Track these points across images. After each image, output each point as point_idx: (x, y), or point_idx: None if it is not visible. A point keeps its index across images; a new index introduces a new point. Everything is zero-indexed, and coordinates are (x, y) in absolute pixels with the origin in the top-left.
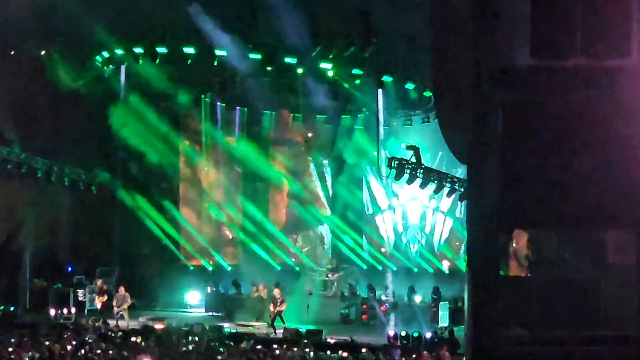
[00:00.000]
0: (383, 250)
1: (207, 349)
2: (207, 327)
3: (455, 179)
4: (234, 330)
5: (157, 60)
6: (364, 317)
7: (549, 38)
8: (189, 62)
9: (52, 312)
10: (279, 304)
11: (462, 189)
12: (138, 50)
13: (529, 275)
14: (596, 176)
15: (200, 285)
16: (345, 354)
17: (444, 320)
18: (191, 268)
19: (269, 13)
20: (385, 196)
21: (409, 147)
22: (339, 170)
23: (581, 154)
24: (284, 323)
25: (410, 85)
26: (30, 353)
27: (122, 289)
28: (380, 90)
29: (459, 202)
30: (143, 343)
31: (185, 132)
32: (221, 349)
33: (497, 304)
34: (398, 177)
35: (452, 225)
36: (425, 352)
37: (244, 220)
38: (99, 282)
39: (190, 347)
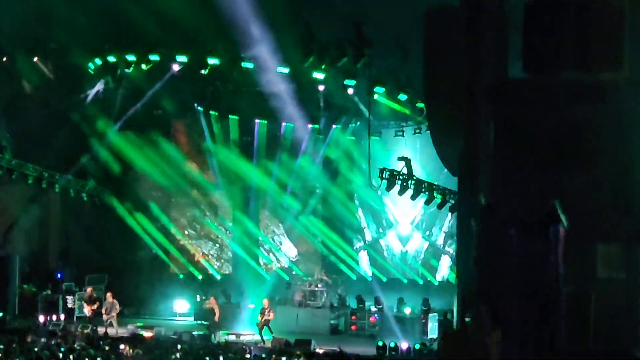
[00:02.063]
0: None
1: (195, 358)
2: (196, 336)
3: (446, 191)
4: (222, 340)
5: (149, 67)
6: (352, 327)
7: (542, 52)
8: (180, 70)
9: (41, 318)
10: (267, 313)
11: (453, 201)
12: (131, 57)
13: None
14: (587, 190)
15: (189, 294)
16: None
17: (433, 332)
18: (181, 277)
19: (262, 23)
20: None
21: (400, 158)
22: (330, 180)
23: (572, 167)
24: (272, 333)
25: (402, 96)
26: (18, 359)
27: (109, 296)
28: (372, 101)
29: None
30: (131, 351)
31: (176, 140)
32: (209, 358)
33: (487, 314)
34: (389, 188)
35: None
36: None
37: (235, 229)
38: (89, 289)
39: (178, 356)
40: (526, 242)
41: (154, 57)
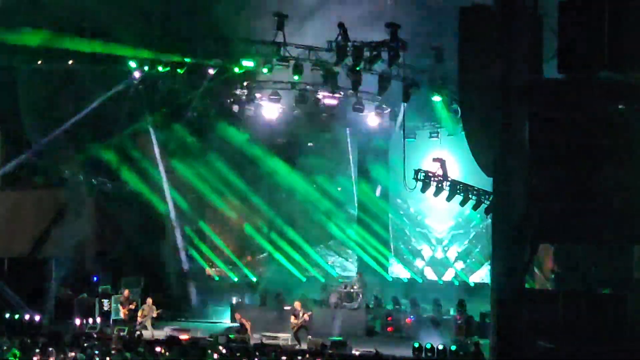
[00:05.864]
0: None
1: None
2: (232, 339)
3: (481, 192)
4: (259, 342)
5: (182, 71)
6: (389, 329)
7: (576, 52)
8: (214, 73)
9: (78, 321)
10: (301, 316)
11: (489, 202)
12: (163, 60)
13: (554, 288)
14: (622, 190)
15: (226, 296)
16: None
17: (469, 333)
18: (217, 279)
19: (296, 23)
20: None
21: (435, 160)
22: (366, 182)
23: (607, 168)
24: (308, 335)
25: (437, 98)
26: None
27: (149, 301)
28: (406, 103)
29: None
30: (167, 354)
31: (210, 142)
32: None
33: (523, 316)
34: (424, 189)
35: None
36: None
37: (270, 231)
38: (126, 291)
39: (215, 357)
40: None
41: (187, 60)
